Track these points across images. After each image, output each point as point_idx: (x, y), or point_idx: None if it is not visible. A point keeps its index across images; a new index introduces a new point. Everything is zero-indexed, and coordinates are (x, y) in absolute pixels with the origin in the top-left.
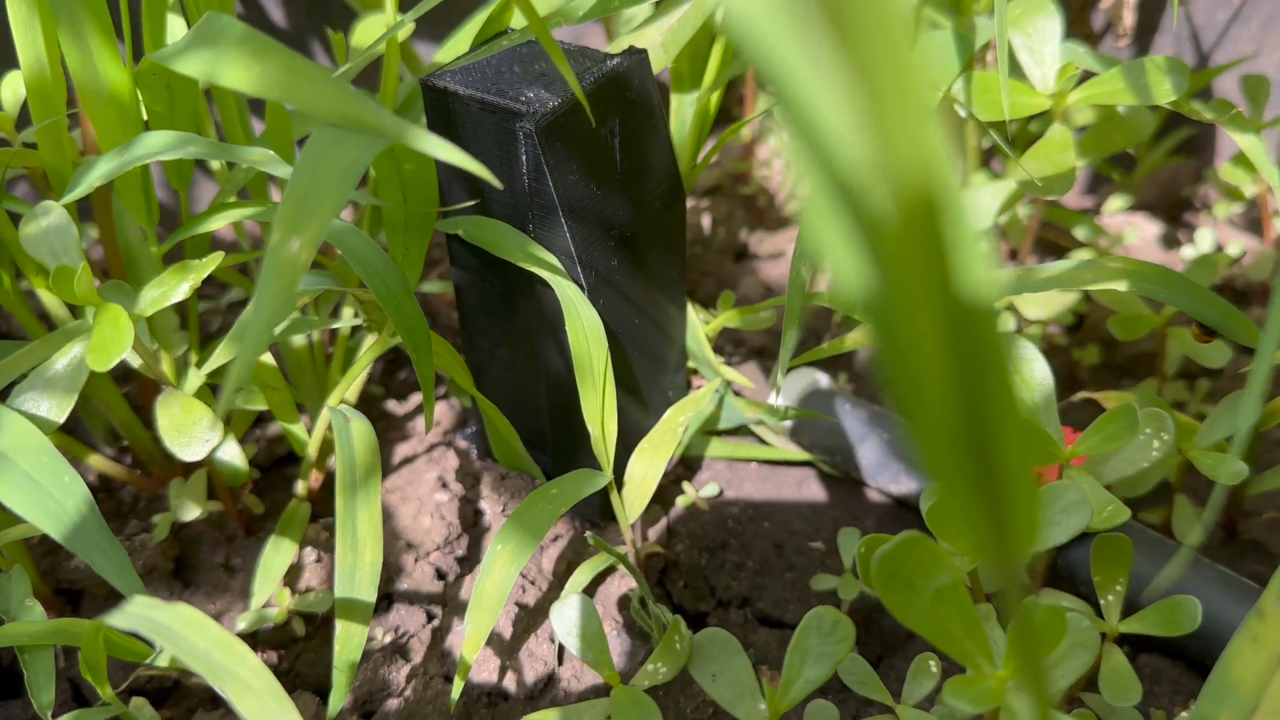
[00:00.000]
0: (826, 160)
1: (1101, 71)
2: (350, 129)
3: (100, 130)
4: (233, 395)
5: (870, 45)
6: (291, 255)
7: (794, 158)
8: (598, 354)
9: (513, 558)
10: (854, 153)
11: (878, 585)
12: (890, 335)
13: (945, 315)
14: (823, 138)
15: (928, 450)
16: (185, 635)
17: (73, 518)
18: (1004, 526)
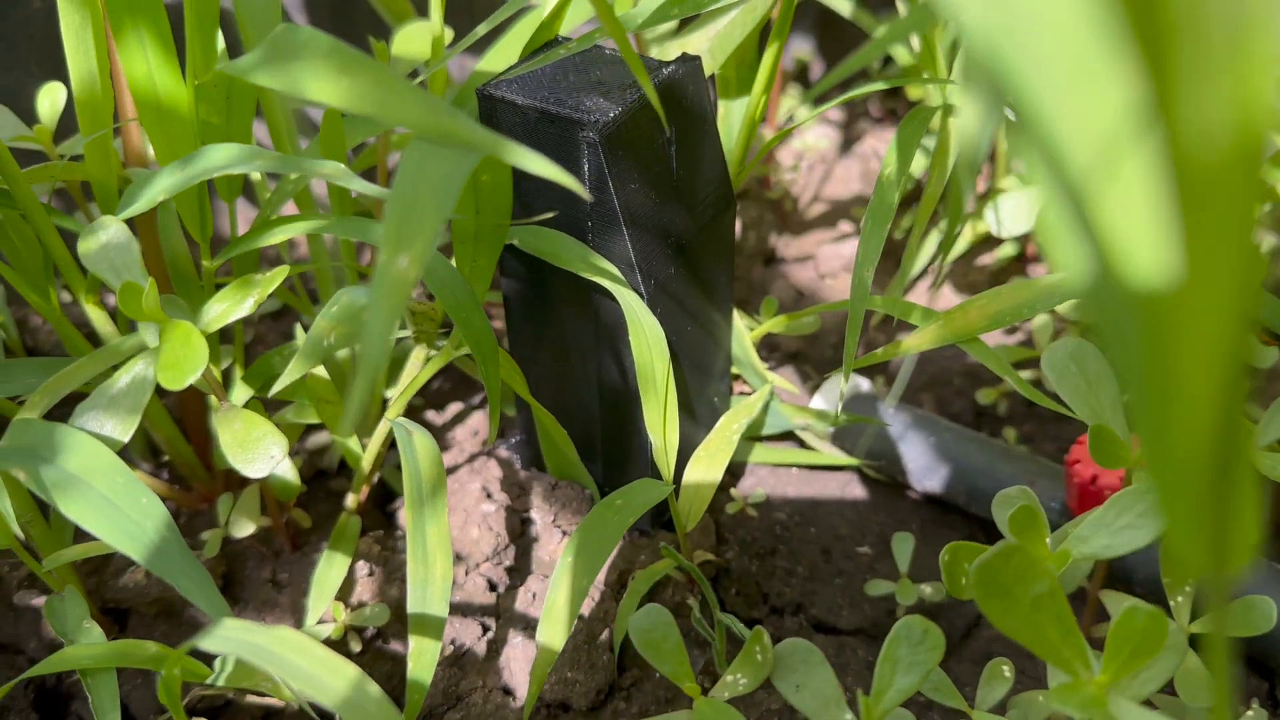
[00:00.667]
0: (1065, 172)
1: None
2: (442, 143)
3: (158, 143)
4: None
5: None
6: (400, 272)
7: (1034, 166)
8: (660, 364)
9: (583, 570)
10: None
11: (976, 593)
12: (1157, 346)
13: (1235, 327)
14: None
15: (1171, 467)
16: (288, 657)
17: (153, 540)
18: (1229, 539)
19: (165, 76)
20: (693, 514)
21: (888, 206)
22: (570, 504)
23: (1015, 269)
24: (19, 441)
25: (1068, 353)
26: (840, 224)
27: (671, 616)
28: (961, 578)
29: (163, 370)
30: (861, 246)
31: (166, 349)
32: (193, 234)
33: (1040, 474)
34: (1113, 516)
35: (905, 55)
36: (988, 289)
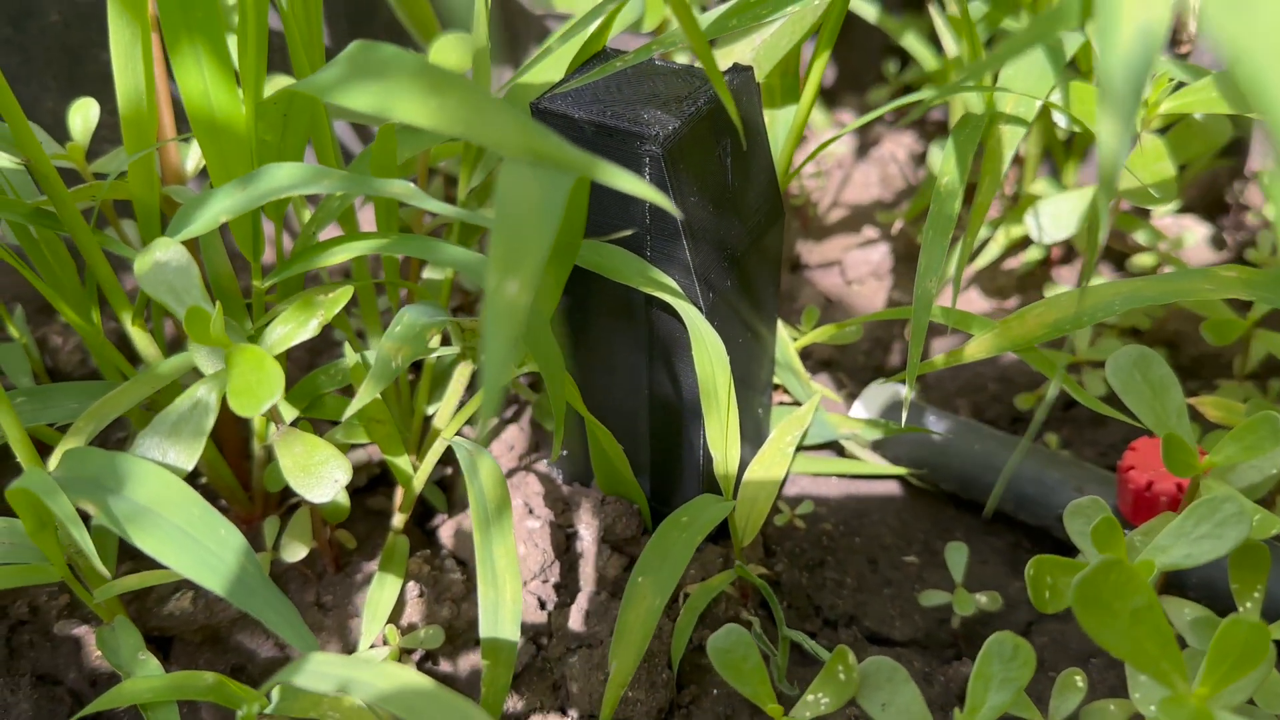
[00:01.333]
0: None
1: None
2: (534, 163)
3: (212, 161)
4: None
5: None
6: (511, 298)
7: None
8: (721, 377)
9: (655, 590)
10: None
11: (1076, 608)
12: None
13: None
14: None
15: None
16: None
17: (235, 572)
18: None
19: (221, 94)
20: (749, 528)
21: (948, 216)
22: (620, 519)
23: (1041, 274)
24: (78, 472)
25: (1131, 360)
26: (864, 229)
27: (749, 636)
28: (1045, 591)
29: (235, 396)
30: (923, 257)
31: (237, 374)
32: (245, 254)
33: (1088, 480)
34: (1191, 525)
35: (930, 60)
36: (1016, 293)
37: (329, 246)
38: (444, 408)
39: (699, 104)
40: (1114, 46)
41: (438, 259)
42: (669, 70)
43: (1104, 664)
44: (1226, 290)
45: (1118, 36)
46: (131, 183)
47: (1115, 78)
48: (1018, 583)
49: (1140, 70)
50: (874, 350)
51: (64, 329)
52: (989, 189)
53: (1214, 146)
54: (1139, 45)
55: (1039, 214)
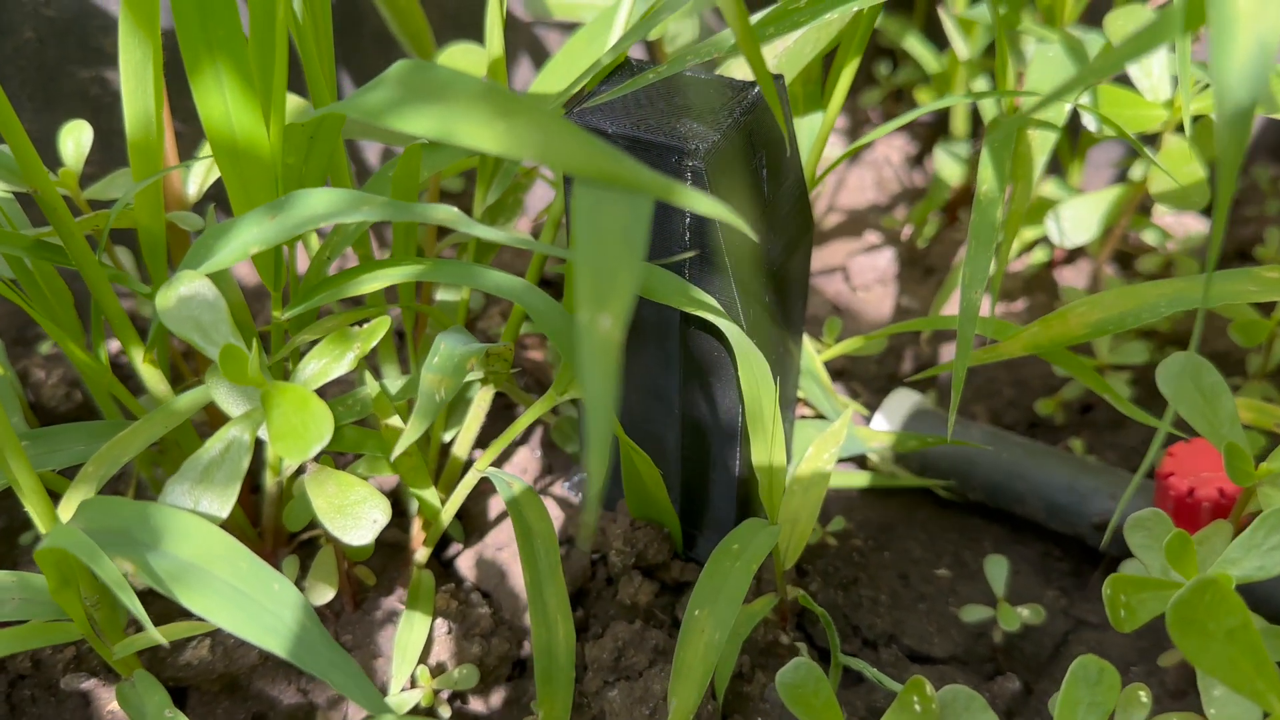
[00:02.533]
0: None
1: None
2: (607, 186)
3: (233, 187)
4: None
5: None
6: (605, 333)
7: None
8: (767, 398)
9: (715, 624)
10: None
11: (1173, 631)
12: None
13: None
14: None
15: None
16: None
17: (294, 630)
18: None
19: (244, 116)
20: (791, 550)
21: (990, 225)
22: (651, 545)
23: (1045, 275)
24: (103, 524)
25: (1181, 367)
26: (865, 234)
27: (821, 671)
28: (1121, 610)
29: (280, 440)
30: (968, 267)
31: (279, 416)
32: (266, 284)
33: (1122, 486)
34: (1261, 537)
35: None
36: (1022, 295)
37: (361, 273)
38: (464, 434)
39: (735, 115)
40: (1229, 58)
41: (479, 284)
42: (698, 81)
43: (1143, 672)
44: (1271, 292)
45: (1233, 47)
46: (138, 210)
47: (1231, 89)
48: (1051, 592)
49: (1257, 81)
50: (886, 358)
51: (45, 362)
52: (1023, 195)
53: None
54: (1255, 56)
55: (1060, 217)
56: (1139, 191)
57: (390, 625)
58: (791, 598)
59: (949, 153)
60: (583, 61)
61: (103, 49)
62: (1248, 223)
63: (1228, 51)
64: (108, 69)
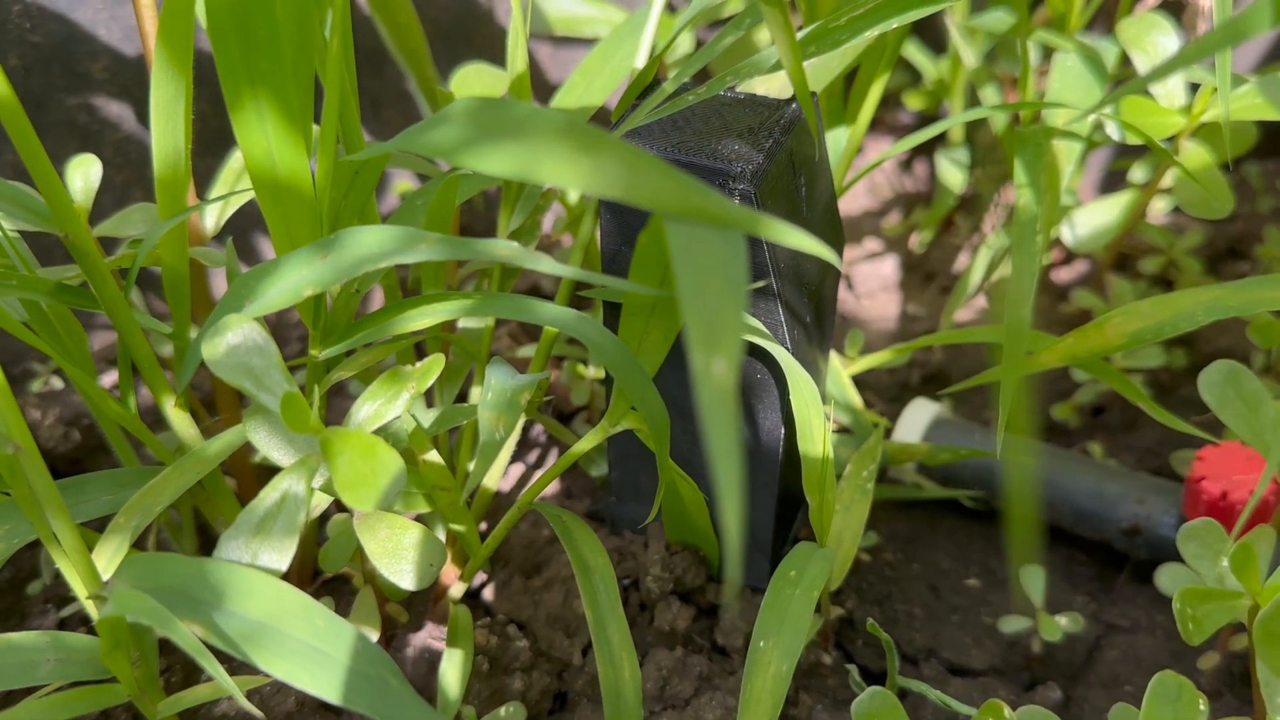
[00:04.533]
0: None
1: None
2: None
3: (275, 225)
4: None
5: None
6: (721, 379)
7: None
8: (817, 420)
9: (782, 655)
10: None
11: (1259, 646)
12: None
13: None
14: None
15: None
16: None
17: (383, 690)
18: None
19: (285, 151)
20: (838, 571)
21: (1032, 239)
22: (690, 569)
23: (1044, 277)
24: (155, 582)
25: (1224, 375)
26: (865, 241)
27: (895, 699)
28: (1189, 623)
29: (348, 489)
30: (1015, 284)
31: (344, 464)
32: (305, 321)
33: (1149, 491)
34: None
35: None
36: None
37: (407, 309)
38: (495, 465)
39: (776, 135)
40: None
41: (534, 317)
42: (734, 100)
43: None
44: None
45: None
46: (163, 249)
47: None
48: (1079, 597)
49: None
50: (897, 366)
51: (40, 401)
52: (1051, 206)
53: (1243, 149)
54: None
55: (1074, 223)
56: (1149, 196)
57: (423, 661)
58: (834, 617)
59: (950, 159)
60: (599, 80)
61: (90, 75)
62: (1237, 220)
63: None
64: (96, 96)
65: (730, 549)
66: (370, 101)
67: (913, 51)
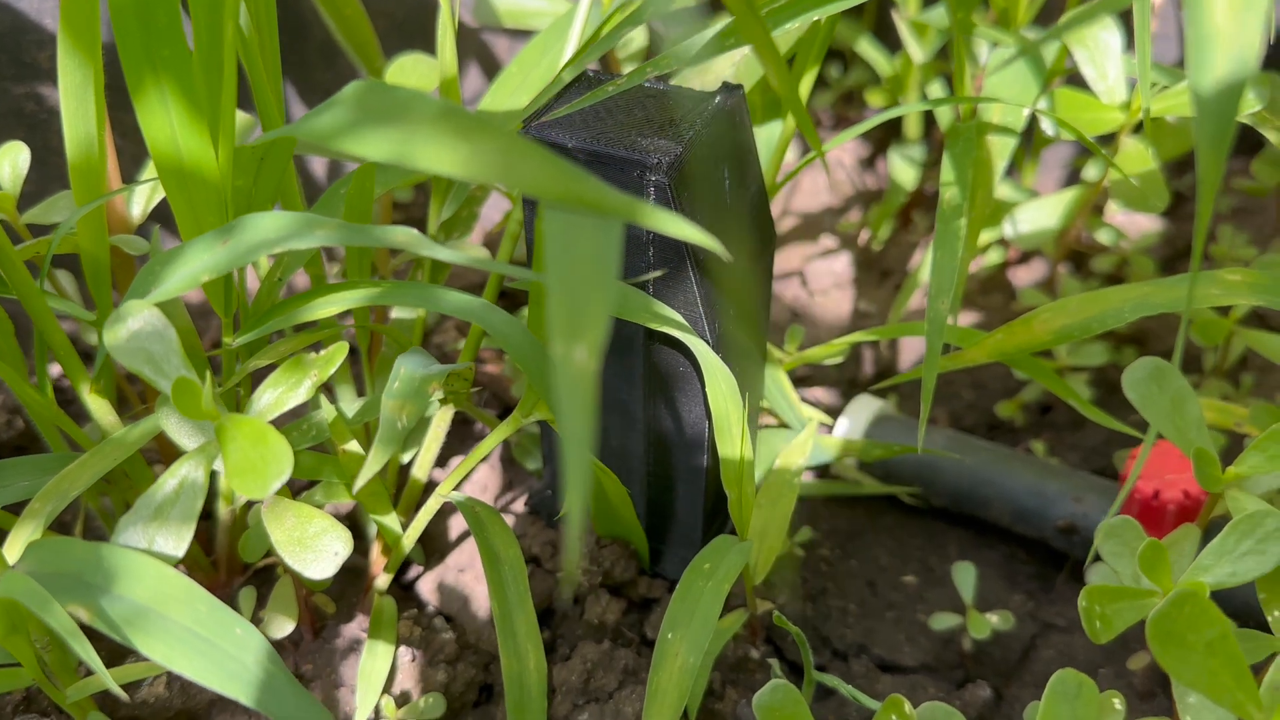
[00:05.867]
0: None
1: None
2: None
3: (179, 210)
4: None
5: None
6: (581, 366)
7: None
8: (734, 411)
9: (689, 647)
10: None
11: (1153, 644)
12: None
13: None
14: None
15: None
16: None
17: (260, 677)
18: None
19: (190, 137)
20: (761, 565)
21: (955, 234)
22: (619, 563)
23: (1000, 276)
24: (54, 566)
25: (1148, 373)
26: (821, 239)
27: (798, 692)
28: (1097, 621)
29: (237, 476)
30: (934, 277)
31: (235, 451)
32: (216, 309)
33: (1087, 490)
34: (1233, 544)
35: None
36: (978, 297)
37: (315, 297)
38: (424, 456)
39: (697, 127)
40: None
41: (440, 307)
42: (658, 92)
43: (1112, 674)
44: (1234, 295)
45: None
46: (81, 236)
47: (1211, 107)
48: (1017, 596)
49: (1235, 98)
50: (846, 363)
51: None
52: (983, 201)
53: (1187, 146)
54: (1233, 74)
55: (1016, 220)
56: (1095, 192)
57: (352, 653)
58: (762, 612)
59: (903, 156)
60: (536, 72)
61: (37, 64)
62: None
63: (1206, 69)
64: (43, 84)
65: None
66: (324, 93)
67: (867, 48)
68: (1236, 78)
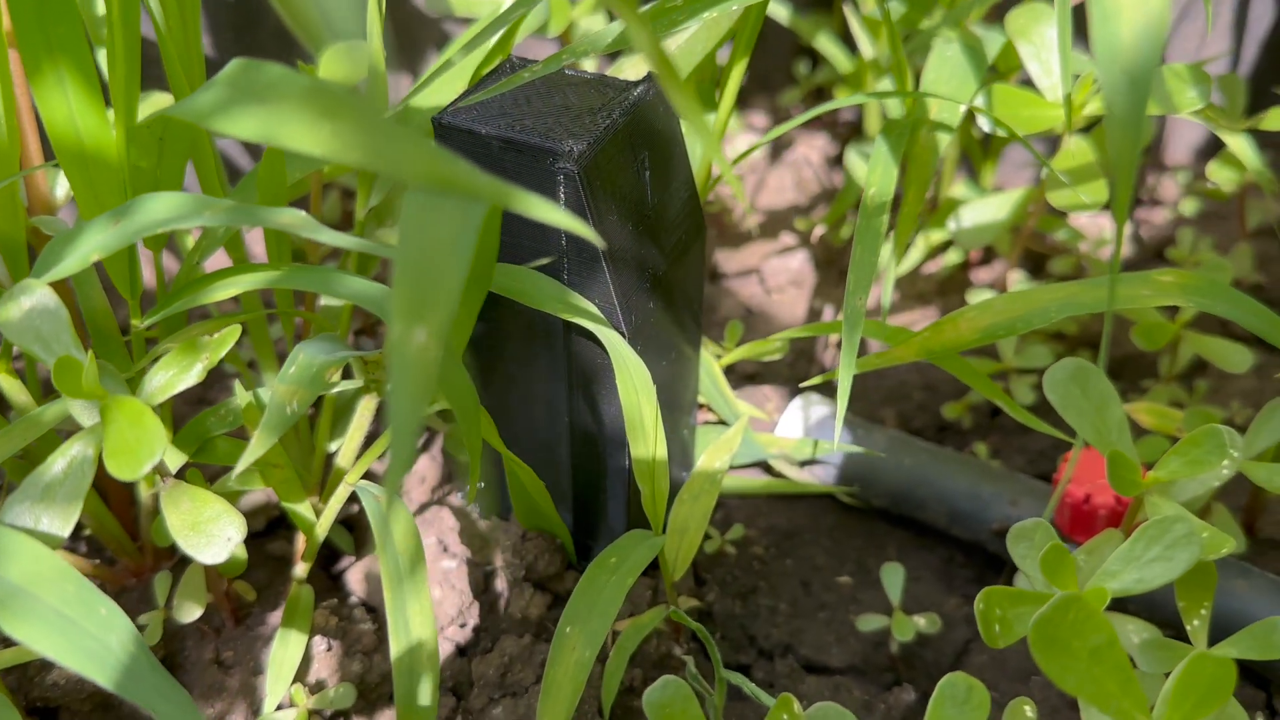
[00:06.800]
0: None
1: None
2: (439, 192)
3: (81, 192)
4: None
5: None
6: (420, 349)
7: None
8: (647, 406)
9: (585, 641)
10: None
11: (1035, 650)
12: None
13: None
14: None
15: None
16: None
17: (121, 659)
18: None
19: (89, 119)
20: (680, 561)
21: (876, 231)
22: (543, 556)
23: (961, 277)
24: None
25: (1069, 373)
26: (782, 236)
27: (689, 688)
28: (995, 624)
29: (112, 457)
30: (852, 273)
31: (113, 431)
32: (121, 291)
33: (1023, 493)
34: (1141, 549)
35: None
36: (937, 298)
37: (213, 280)
38: (348, 445)
39: (614, 116)
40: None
41: (334, 292)
42: (580, 80)
43: (1044, 682)
44: (1164, 296)
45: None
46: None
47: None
48: (953, 599)
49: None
50: (798, 362)
51: None
52: (916, 198)
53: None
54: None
55: (960, 219)
56: (1043, 192)
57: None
58: (685, 608)
59: (861, 154)
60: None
61: None
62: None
63: (1112, 44)
64: None
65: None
66: None
67: (826, 44)
68: (1145, 52)
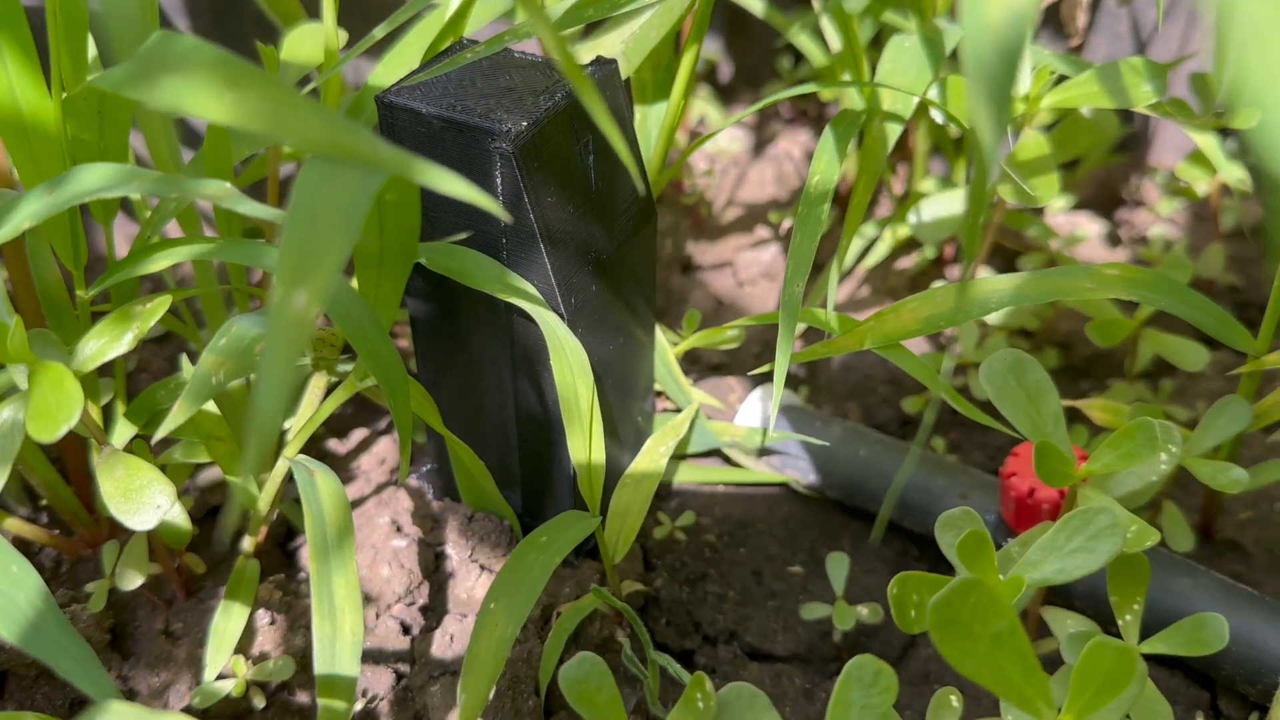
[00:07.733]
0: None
1: (1068, 73)
2: (343, 162)
3: (22, 163)
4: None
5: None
6: (298, 311)
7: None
8: (583, 387)
9: (508, 617)
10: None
11: (934, 633)
12: None
13: None
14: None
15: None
16: None
17: (28, 615)
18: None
19: (28, 90)
20: (621, 544)
21: (816, 218)
22: (489, 537)
23: (934, 272)
24: None
25: (1006, 364)
26: (757, 229)
27: (605, 665)
28: (911, 610)
29: (32, 420)
30: (791, 260)
31: (36, 395)
32: (65, 261)
33: (974, 486)
34: (1064, 539)
35: (820, 56)
36: (908, 293)
37: (152, 252)
38: (298, 422)
39: (556, 99)
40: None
41: (263, 264)
42: (528, 63)
43: None
44: (1109, 289)
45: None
46: None
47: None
48: None
49: (1011, 55)
50: (764, 353)
51: None
52: (866, 188)
53: (1103, 142)
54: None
55: (920, 213)
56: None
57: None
58: (628, 592)
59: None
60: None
61: None
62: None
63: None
64: None
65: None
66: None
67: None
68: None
